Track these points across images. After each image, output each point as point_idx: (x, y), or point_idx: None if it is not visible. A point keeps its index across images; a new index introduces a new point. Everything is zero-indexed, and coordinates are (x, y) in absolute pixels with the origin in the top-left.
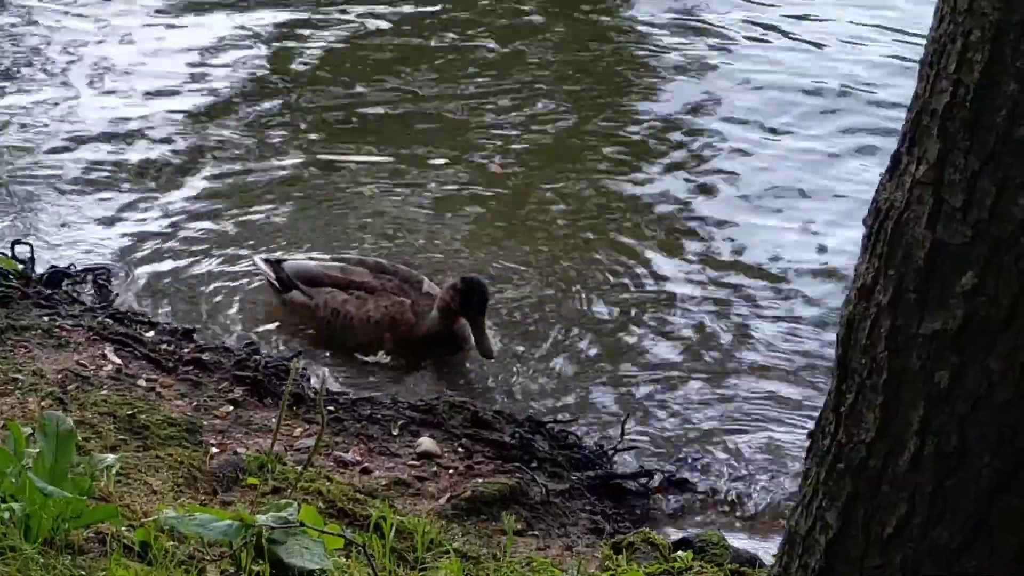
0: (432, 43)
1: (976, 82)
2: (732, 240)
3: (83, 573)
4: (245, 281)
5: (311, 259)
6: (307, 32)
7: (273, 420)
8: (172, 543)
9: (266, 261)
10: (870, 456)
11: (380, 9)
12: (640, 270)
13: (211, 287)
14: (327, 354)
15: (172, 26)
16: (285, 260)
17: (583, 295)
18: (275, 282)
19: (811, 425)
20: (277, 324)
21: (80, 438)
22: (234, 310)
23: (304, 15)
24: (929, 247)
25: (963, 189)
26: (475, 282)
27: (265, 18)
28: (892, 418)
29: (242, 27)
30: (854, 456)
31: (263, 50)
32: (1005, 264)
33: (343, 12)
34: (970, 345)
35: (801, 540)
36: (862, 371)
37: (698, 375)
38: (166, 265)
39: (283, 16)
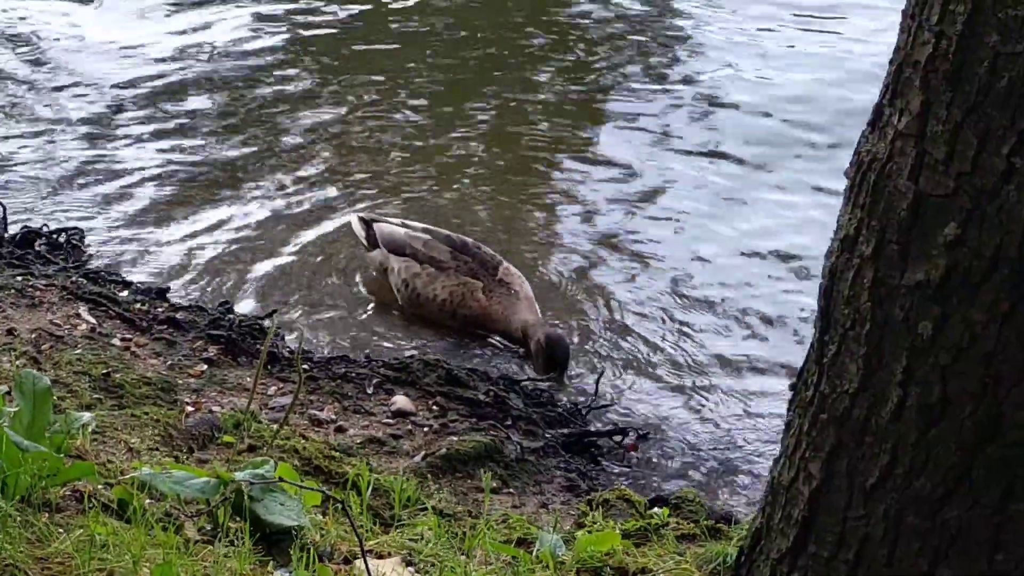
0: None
1: (958, 33)
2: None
3: (61, 530)
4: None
5: (404, 225)
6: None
7: (247, 379)
8: (149, 501)
9: (360, 219)
10: (853, 407)
11: None
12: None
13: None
14: (302, 314)
15: None
16: (377, 221)
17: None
18: (364, 240)
19: (789, 379)
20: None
21: (55, 397)
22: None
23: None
24: (912, 198)
25: (946, 141)
26: (560, 346)
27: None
28: (875, 369)
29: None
30: (837, 407)
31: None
32: (987, 215)
33: None
34: (952, 296)
35: (784, 491)
36: (845, 322)
37: (673, 333)
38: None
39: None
